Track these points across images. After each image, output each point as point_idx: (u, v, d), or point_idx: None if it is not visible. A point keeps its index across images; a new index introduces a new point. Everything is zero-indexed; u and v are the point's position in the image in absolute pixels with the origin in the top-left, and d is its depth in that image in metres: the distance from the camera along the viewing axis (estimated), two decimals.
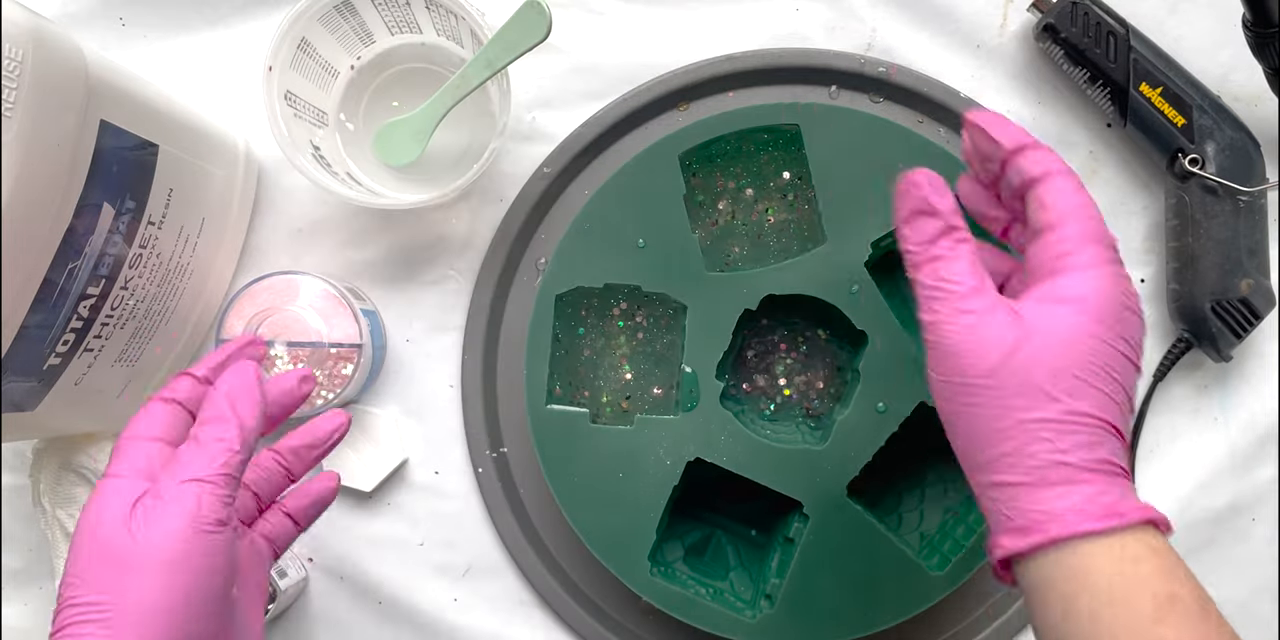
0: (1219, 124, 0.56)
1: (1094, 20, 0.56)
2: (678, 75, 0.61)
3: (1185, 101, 0.56)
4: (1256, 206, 0.57)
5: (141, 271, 0.52)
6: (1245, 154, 0.56)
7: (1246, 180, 0.56)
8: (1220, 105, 0.57)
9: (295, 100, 0.56)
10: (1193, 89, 0.57)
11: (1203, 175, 0.54)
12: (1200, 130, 0.56)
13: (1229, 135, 0.56)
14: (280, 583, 0.57)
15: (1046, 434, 0.35)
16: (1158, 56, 0.57)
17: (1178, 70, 0.57)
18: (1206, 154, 0.56)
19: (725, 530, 0.61)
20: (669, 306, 0.59)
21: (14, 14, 0.40)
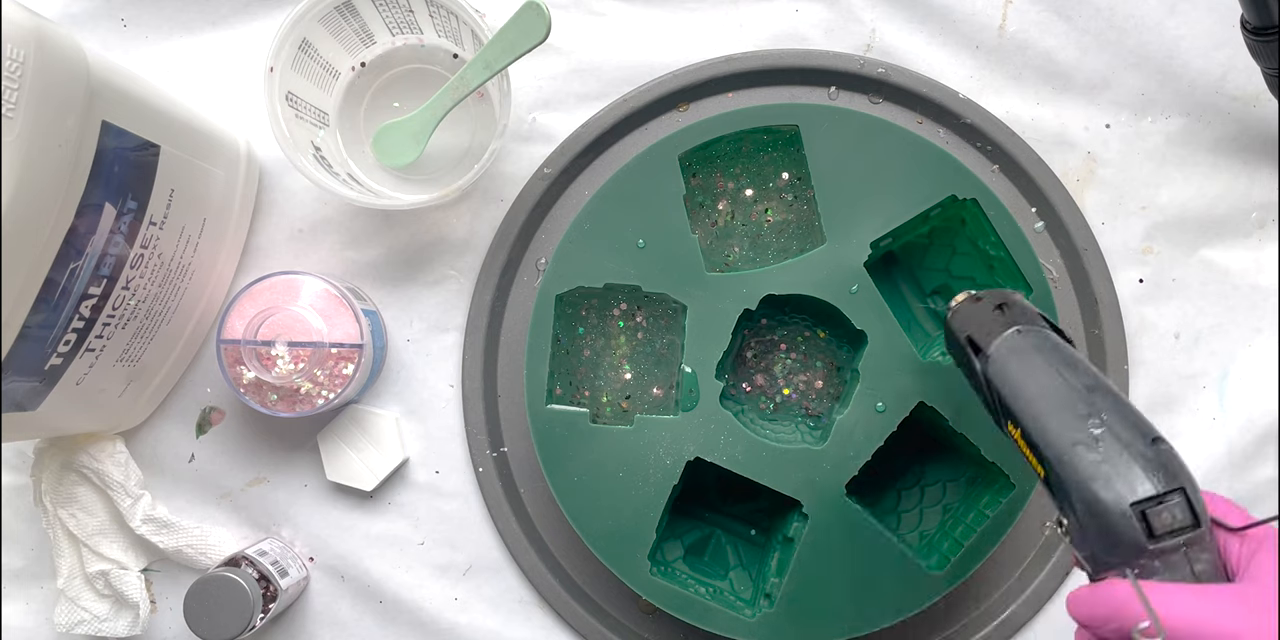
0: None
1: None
2: (678, 76, 0.61)
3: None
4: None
5: (143, 272, 0.52)
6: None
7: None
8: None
9: (296, 101, 0.56)
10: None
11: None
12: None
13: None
14: (281, 582, 0.57)
15: None
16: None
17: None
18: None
19: (725, 530, 0.61)
20: (669, 306, 0.59)
21: (15, 15, 0.40)
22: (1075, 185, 0.61)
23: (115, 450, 0.59)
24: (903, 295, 0.61)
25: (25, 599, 0.62)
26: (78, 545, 0.60)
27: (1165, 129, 0.61)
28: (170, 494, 0.62)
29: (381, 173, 0.61)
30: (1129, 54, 0.61)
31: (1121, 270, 0.61)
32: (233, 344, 0.55)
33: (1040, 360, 0.41)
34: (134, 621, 0.59)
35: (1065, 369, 0.40)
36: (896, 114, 0.61)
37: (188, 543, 0.60)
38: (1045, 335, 0.43)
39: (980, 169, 0.61)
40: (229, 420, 0.62)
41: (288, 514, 0.61)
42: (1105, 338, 0.60)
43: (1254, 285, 0.61)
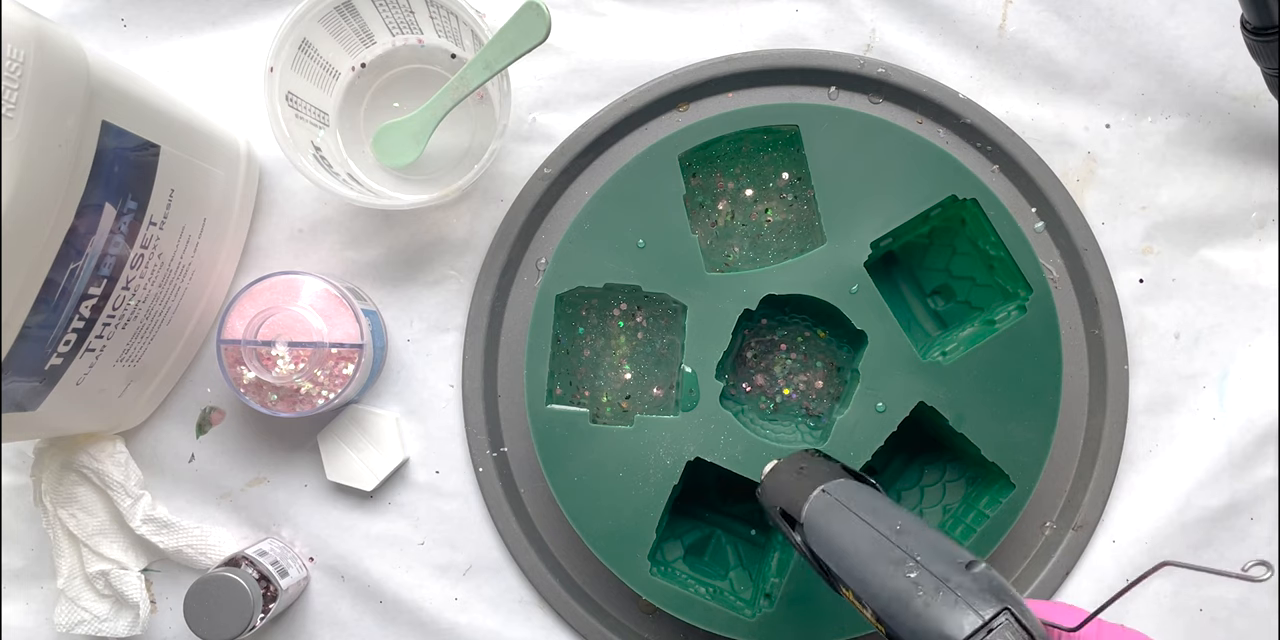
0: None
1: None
2: (678, 76, 0.61)
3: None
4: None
5: (143, 272, 0.52)
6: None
7: None
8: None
9: (296, 101, 0.56)
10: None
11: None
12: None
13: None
14: (281, 582, 0.57)
15: None
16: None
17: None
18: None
19: (725, 530, 0.61)
20: (669, 306, 0.59)
21: (16, 15, 0.40)
22: (1075, 185, 0.61)
23: (115, 450, 0.59)
24: (903, 295, 0.61)
25: (25, 599, 0.62)
26: (78, 545, 0.60)
27: (1165, 129, 0.61)
28: (170, 494, 0.62)
29: (381, 173, 0.61)
30: (1129, 54, 0.61)
31: (1121, 270, 0.61)
32: (233, 344, 0.55)
33: (845, 515, 0.41)
34: (134, 621, 0.59)
35: (870, 517, 0.41)
36: (896, 114, 0.61)
37: (188, 543, 0.60)
38: (846, 487, 0.43)
39: (980, 169, 0.61)
40: (229, 420, 0.62)
41: (288, 514, 0.61)
42: (1105, 338, 0.60)
43: (1254, 285, 0.61)
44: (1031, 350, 0.55)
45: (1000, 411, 0.55)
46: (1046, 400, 0.55)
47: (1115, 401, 0.60)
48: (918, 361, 0.55)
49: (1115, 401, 0.60)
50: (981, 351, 0.55)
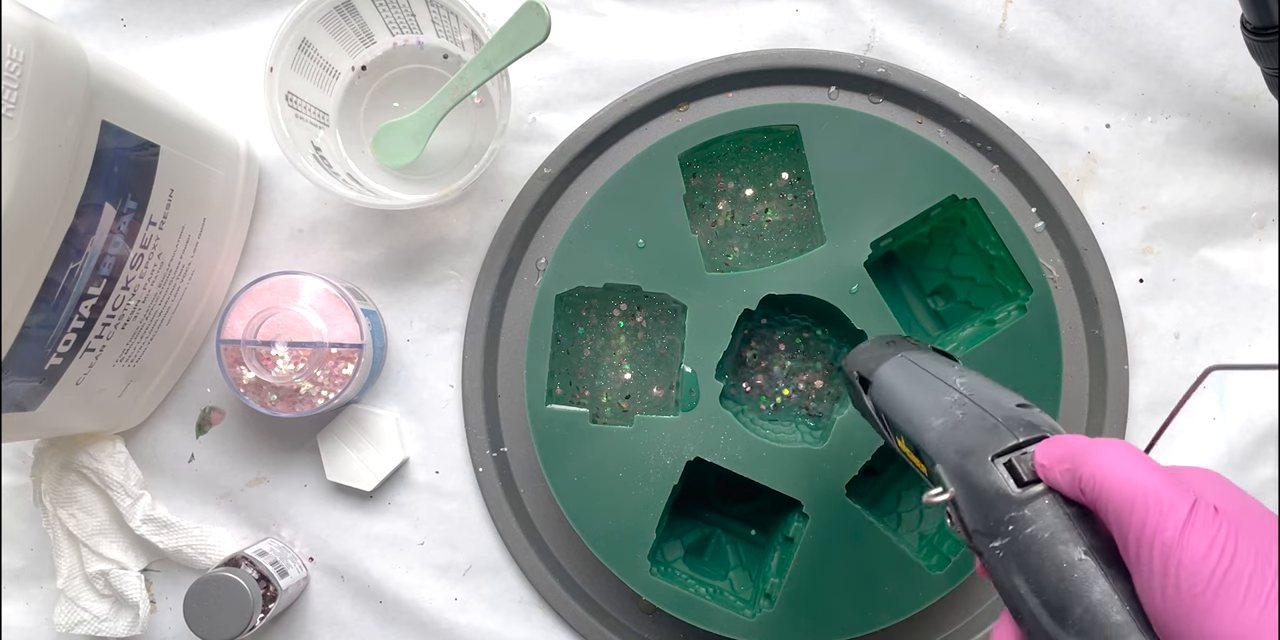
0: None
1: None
2: (678, 76, 0.61)
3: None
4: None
5: (143, 272, 0.52)
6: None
7: None
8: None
9: (296, 101, 0.56)
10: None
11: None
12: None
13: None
14: (281, 582, 0.57)
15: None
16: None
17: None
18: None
19: (725, 530, 0.61)
20: (669, 306, 0.59)
21: (15, 15, 0.40)
22: (1075, 185, 0.61)
23: (115, 450, 0.59)
24: (903, 295, 0.61)
25: (25, 599, 0.62)
26: (77, 545, 0.60)
27: (1165, 129, 0.61)
28: (170, 494, 0.62)
29: (381, 173, 0.61)
30: (1129, 54, 0.61)
31: (1121, 270, 0.61)
32: (233, 344, 0.55)
33: (915, 370, 0.42)
34: (134, 621, 0.59)
35: (934, 368, 0.41)
36: (896, 114, 0.61)
37: (187, 543, 0.60)
38: (925, 356, 0.43)
39: (980, 169, 0.61)
40: (229, 420, 0.62)
41: (288, 514, 0.61)
42: (1105, 338, 0.60)
43: (1254, 285, 0.61)
44: (1031, 350, 0.55)
45: None
46: (1046, 400, 0.55)
47: (1115, 401, 0.60)
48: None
49: (1115, 401, 0.60)
50: (981, 351, 0.55)
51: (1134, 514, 0.31)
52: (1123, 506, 0.32)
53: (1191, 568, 0.30)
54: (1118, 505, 0.32)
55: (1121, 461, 0.33)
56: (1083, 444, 0.34)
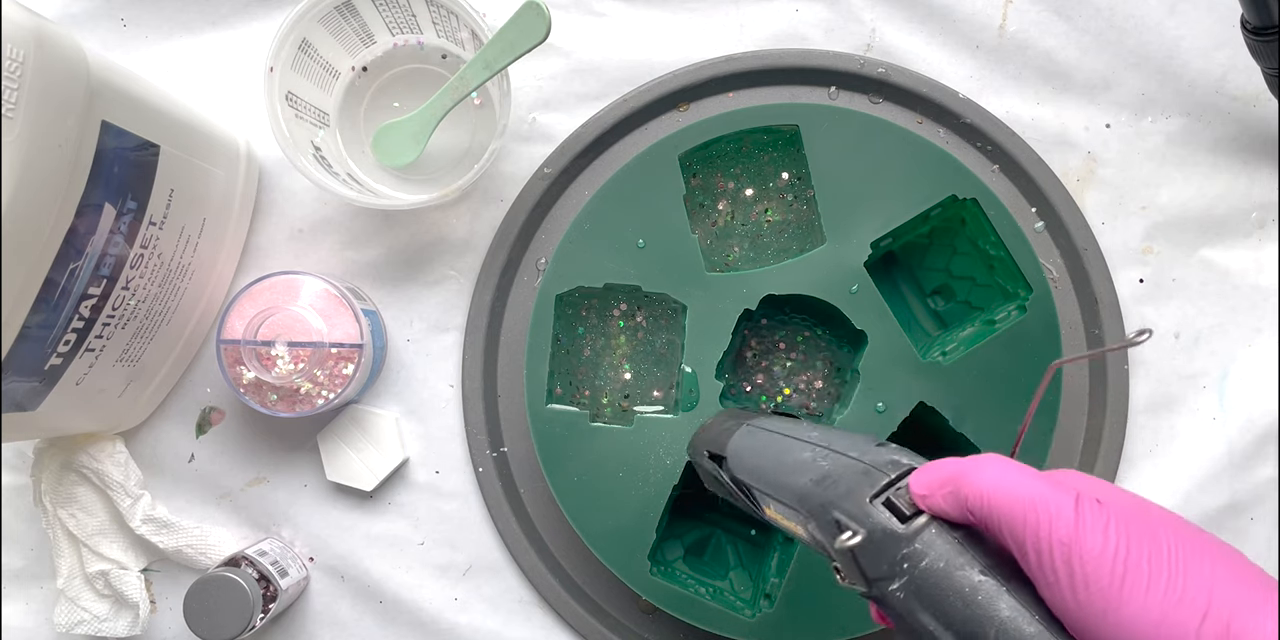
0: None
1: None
2: (678, 76, 0.61)
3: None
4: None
5: (143, 272, 0.52)
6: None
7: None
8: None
9: (296, 101, 0.56)
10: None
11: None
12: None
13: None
14: (281, 582, 0.57)
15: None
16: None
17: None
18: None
19: (725, 530, 0.61)
20: (669, 306, 0.59)
21: (15, 15, 0.40)
22: (1075, 185, 0.61)
23: (115, 450, 0.59)
24: (903, 295, 0.61)
25: (25, 599, 0.62)
26: (77, 545, 0.60)
27: (1165, 129, 0.61)
28: (170, 494, 0.62)
29: (381, 173, 0.61)
30: (1129, 54, 0.61)
31: (1122, 270, 0.61)
32: (232, 344, 0.55)
33: (766, 435, 0.42)
34: (134, 621, 0.59)
35: (789, 430, 0.41)
36: (896, 114, 0.61)
37: (187, 543, 0.60)
38: (771, 419, 0.43)
39: (980, 169, 0.61)
40: (229, 420, 0.62)
41: (288, 514, 0.61)
42: (1105, 338, 0.60)
43: (1254, 285, 0.61)
44: (1031, 350, 0.55)
45: (1000, 411, 0.55)
46: (1046, 400, 0.55)
47: (1115, 402, 0.60)
48: (918, 361, 0.55)
49: (1115, 402, 0.60)
50: (981, 351, 0.55)
51: (1026, 523, 0.31)
52: (1014, 518, 0.32)
53: (1094, 563, 0.30)
54: (1008, 518, 0.32)
55: (1002, 475, 0.33)
56: (957, 466, 0.34)
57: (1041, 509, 0.31)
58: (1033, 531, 0.31)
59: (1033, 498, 0.32)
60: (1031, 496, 0.32)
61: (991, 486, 0.32)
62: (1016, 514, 0.32)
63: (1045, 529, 0.31)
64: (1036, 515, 0.31)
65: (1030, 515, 0.31)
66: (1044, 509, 0.31)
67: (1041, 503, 0.31)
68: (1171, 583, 0.30)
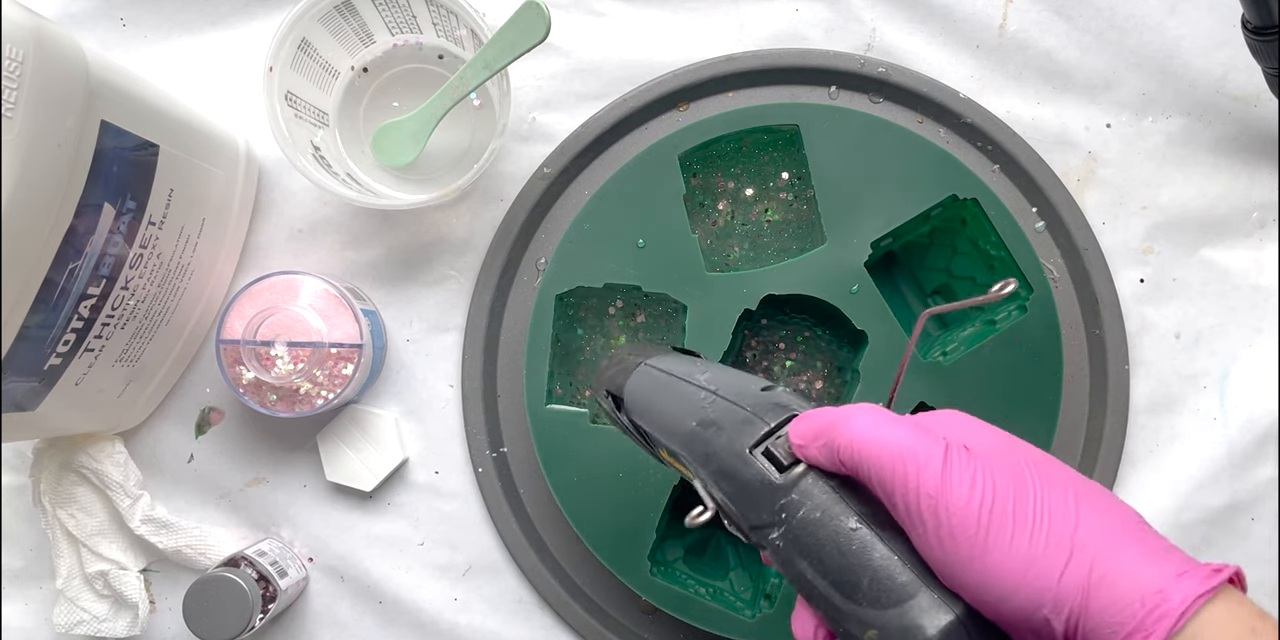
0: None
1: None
2: (678, 75, 0.61)
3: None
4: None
5: (142, 271, 0.52)
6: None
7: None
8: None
9: (296, 101, 0.56)
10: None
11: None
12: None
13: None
14: (280, 582, 0.57)
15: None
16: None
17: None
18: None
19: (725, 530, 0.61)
20: (669, 306, 0.59)
21: (15, 14, 0.40)
22: (1076, 185, 0.61)
23: (114, 450, 0.59)
24: (903, 295, 0.61)
25: (25, 599, 0.62)
26: (77, 545, 0.60)
27: (1166, 129, 0.61)
28: (169, 494, 0.62)
29: (381, 172, 0.61)
30: (1130, 54, 0.61)
31: (1122, 270, 0.61)
32: (232, 344, 0.55)
33: (660, 376, 0.41)
34: (133, 622, 0.59)
35: (680, 371, 0.41)
36: (897, 114, 0.61)
37: (187, 543, 0.60)
38: (668, 358, 0.43)
39: (981, 169, 0.61)
40: (228, 420, 0.62)
41: (287, 514, 0.61)
42: (1106, 338, 0.60)
43: (1254, 285, 0.61)
44: (1032, 350, 0.55)
45: (1000, 411, 0.55)
46: (1047, 400, 0.55)
47: (1116, 401, 0.60)
48: (918, 361, 0.55)
49: (1116, 401, 0.60)
50: (982, 351, 0.55)
51: (894, 473, 0.32)
52: (882, 468, 0.32)
53: (960, 513, 0.31)
54: (877, 468, 0.32)
55: (871, 425, 0.33)
56: (830, 415, 0.34)
57: (909, 459, 0.32)
58: (900, 482, 0.32)
59: (900, 448, 0.32)
60: (899, 447, 0.32)
61: (861, 436, 0.33)
62: (885, 464, 0.32)
63: (913, 480, 0.31)
64: (905, 466, 0.32)
65: (898, 466, 0.32)
66: (911, 459, 0.32)
67: (909, 453, 0.32)
68: (1035, 530, 0.30)
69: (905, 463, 0.32)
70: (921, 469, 0.31)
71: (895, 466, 0.32)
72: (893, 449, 0.32)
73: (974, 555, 0.30)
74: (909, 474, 0.31)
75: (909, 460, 0.32)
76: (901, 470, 0.32)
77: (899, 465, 0.32)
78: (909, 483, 0.31)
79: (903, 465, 0.32)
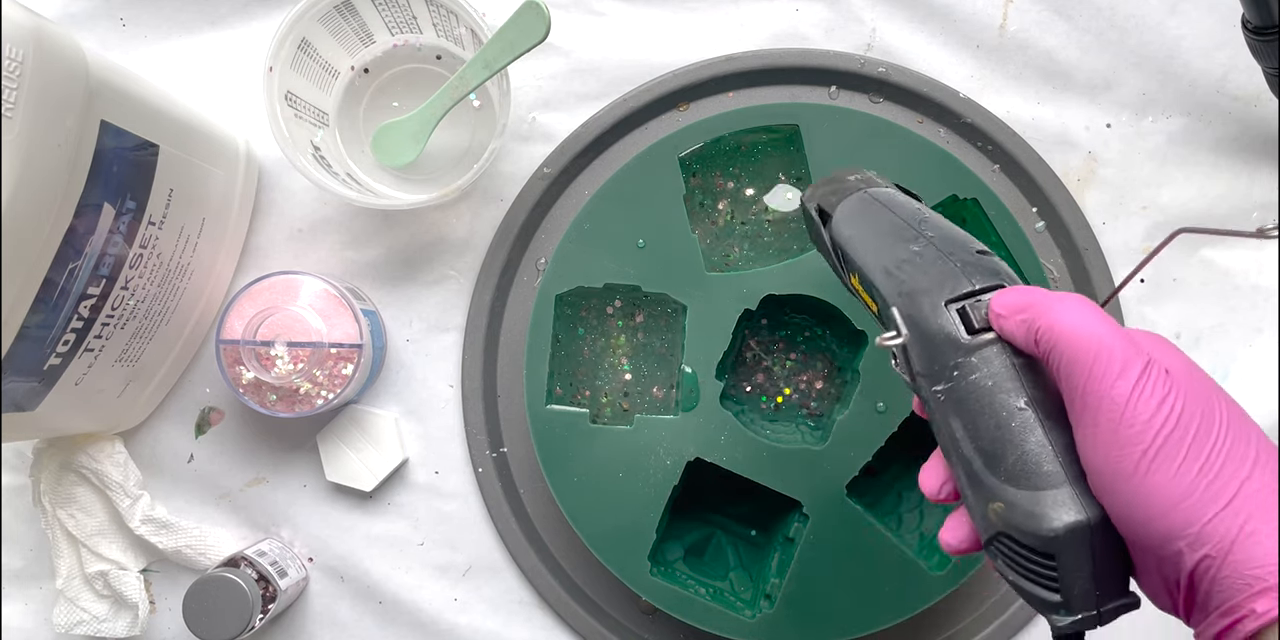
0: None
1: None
2: (678, 75, 0.61)
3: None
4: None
5: (142, 271, 0.52)
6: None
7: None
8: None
9: (296, 101, 0.56)
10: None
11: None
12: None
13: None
14: (280, 582, 0.57)
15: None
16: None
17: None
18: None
19: (725, 530, 0.61)
20: (669, 306, 0.59)
21: (15, 14, 0.40)
22: (1076, 185, 0.61)
23: (114, 451, 0.59)
24: None
25: (25, 599, 0.62)
26: (77, 546, 0.60)
27: (1166, 129, 0.61)
28: (169, 494, 0.62)
29: (381, 172, 0.61)
30: (1130, 54, 0.61)
31: (1122, 270, 0.61)
32: (232, 344, 0.55)
33: (879, 207, 0.41)
34: (133, 622, 0.59)
35: (898, 207, 0.40)
36: (897, 113, 0.61)
37: (187, 543, 0.60)
38: (889, 193, 0.42)
39: (981, 169, 0.61)
40: (228, 420, 0.62)
41: (287, 514, 0.61)
42: None
43: (1254, 285, 0.61)
44: None
45: None
46: None
47: None
48: None
49: None
50: None
51: (1089, 368, 0.31)
52: (1077, 360, 0.31)
53: (1139, 426, 0.30)
54: (1071, 358, 0.32)
55: (1081, 316, 0.32)
56: (1042, 295, 0.33)
57: (1109, 359, 0.31)
58: (1091, 379, 0.31)
59: (1103, 345, 0.31)
60: (1102, 344, 0.31)
61: (1067, 322, 0.32)
62: (1081, 355, 0.31)
63: (1105, 381, 0.31)
64: (1101, 364, 0.31)
65: (1096, 363, 0.31)
66: (1110, 360, 0.31)
67: (1110, 353, 0.31)
68: (1206, 467, 0.30)
69: (1103, 361, 0.31)
70: (1118, 373, 0.31)
71: (1092, 362, 0.31)
72: (1095, 343, 0.31)
73: (1136, 471, 0.30)
74: (1103, 374, 0.31)
75: (1108, 360, 0.31)
76: (1097, 368, 0.31)
77: (1096, 362, 0.31)
78: (1099, 382, 0.31)
79: (1099, 363, 0.31)
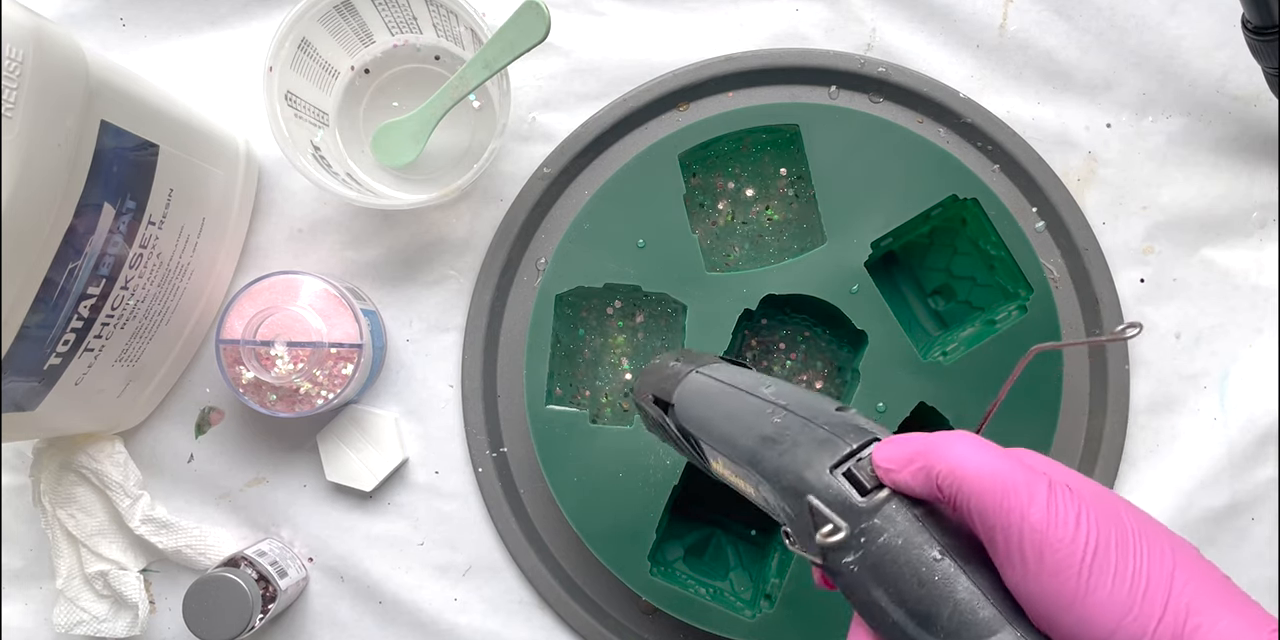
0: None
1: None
2: (678, 75, 0.61)
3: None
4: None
5: (142, 271, 0.52)
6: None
7: None
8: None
9: (296, 101, 0.56)
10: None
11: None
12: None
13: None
14: (280, 583, 0.57)
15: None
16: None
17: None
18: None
19: (725, 530, 0.61)
20: (669, 306, 0.59)
21: (15, 14, 0.40)
22: (1076, 185, 0.61)
23: (114, 450, 0.59)
24: (903, 295, 0.61)
25: (25, 599, 0.62)
26: (77, 546, 0.60)
27: (1166, 129, 0.61)
28: (169, 494, 0.62)
29: (381, 172, 0.61)
30: (1130, 54, 0.61)
31: (1122, 270, 0.61)
32: (232, 344, 0.55)
33: (716, 386, 0.40)
34: (133, 622, 0.59)
35: (742, 383, 0.39)
36: (897, 113, 0.61)
37: (187, 543, 0.60)
38: (722, 368, 0.42)
39: (981, 168, 0.61)
40: (228, 420, 0.62)
41: (287, 514, 0.61)
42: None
43: (1255, 285, 0.61)
44: None
45: (1001, 412, 0.55)
46: (1047, 400, 0.55)
47: (1116, 402, 0.60)
48: (918, 361, 0.55)
49: (1116, 402, 0.60)
50: (982, 351, 0.55)
51: (999, 504, 0.31)
52: (984, 498, 0.31)
53: (1065, 548, 0.30)
54: (979, 498, 0.31)
55: (975, 454, 0.32)
56: (926, 441, 0.33)
57: (1015, 492, 0.31)
58: (1004, 514, 0.30)
59: (1006, 480, 0.31)
60: (1005, 479, 0.31)
61: (964, 463, 0.32)
62: (989, 495, 0.31)
63: (1018, 514, 0.30)
64: (1010, 499, 0.30)
65: (1005, 499, 0.31)
66: (1017, 493, 0.31)
67: (1015, 486, 0.31)
68: (1136, 575, 0.30)
69: (1011, 494, 0.31)
70: (1028, 503, 0.30)
71: (1000, 497, 0.31)
72: (998, 479, 0.31)
73: (1075, 596, 0.29)
74: (1014, 506, 0.30)
75: (1015, 492, 0.31)
76: (1006, 502, 0.31)
77: (1005, 496, 0.31)
78: (1014, 516, 0.30)
79: (1008, 497, 0.31)
